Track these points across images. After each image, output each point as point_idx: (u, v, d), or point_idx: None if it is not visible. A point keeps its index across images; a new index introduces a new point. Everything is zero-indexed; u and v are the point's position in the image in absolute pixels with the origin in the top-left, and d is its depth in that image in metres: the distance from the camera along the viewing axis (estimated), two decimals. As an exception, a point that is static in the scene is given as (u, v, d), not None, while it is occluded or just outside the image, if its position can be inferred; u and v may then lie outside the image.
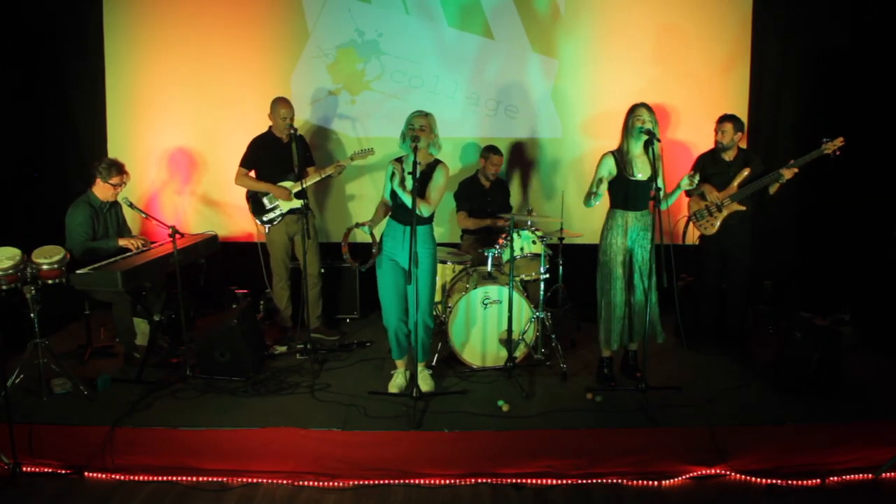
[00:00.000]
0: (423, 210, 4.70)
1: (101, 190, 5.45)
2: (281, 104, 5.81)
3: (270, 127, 5.90)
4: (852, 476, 4.26)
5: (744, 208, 5.59)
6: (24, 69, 6.46)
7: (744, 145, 6.66)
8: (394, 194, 4.79)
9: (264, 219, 5.95)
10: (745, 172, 5.53)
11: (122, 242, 5.44)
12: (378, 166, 6.78)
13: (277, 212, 5.91)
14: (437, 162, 4.85)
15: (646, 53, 6.76)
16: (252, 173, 5.92)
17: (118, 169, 5.43)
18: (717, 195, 5.58)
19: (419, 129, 4.69)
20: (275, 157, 5.85)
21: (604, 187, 4.84)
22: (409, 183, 4.64)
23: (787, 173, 5.34)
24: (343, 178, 6.86)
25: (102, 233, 5.48)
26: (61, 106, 6.77)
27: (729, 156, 5.65)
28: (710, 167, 5.69)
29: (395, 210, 4.87)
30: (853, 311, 6.12)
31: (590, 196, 4.84)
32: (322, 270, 6.20)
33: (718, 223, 5.61)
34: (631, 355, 5.22)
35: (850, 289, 6.35)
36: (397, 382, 5.01)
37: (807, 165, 5.38)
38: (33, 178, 6.55)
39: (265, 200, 5.92)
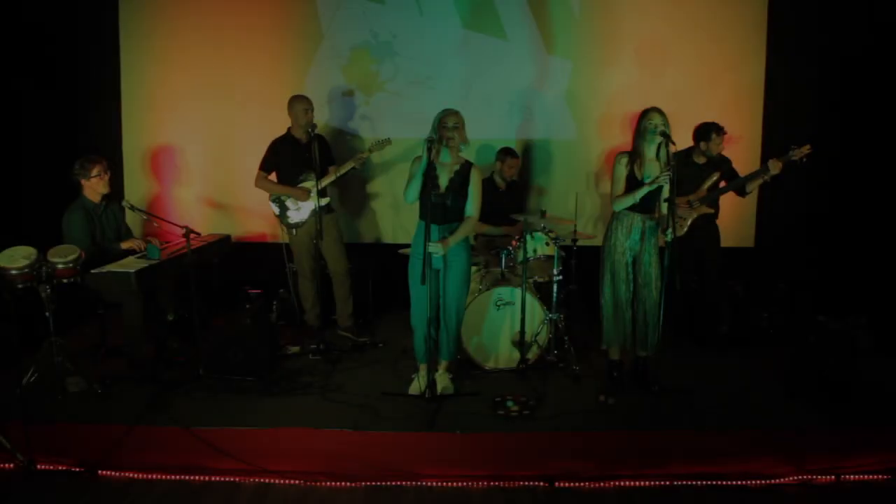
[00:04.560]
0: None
1: (91, 189, 5.37)
2: (298, 99, 5.80)
3: (289, 128, 5.89)
4: (868, 476, 4.26)
5: (712, 211, 5.67)
6: (40, 70, 6.49)
7: (758, 148, 6.67)
8: (423, 192, 4.69)
9: (290, 222, 5.92)
10: (715, 177, 5.58)
11: (124, 245, 5.42)
12: (396, 163, 6.82)
13: (305, 213, 5.87)
14: (470, 163, 4.83)
15: (660, 55, 6.72)
16: (273, 176, 5.91)
17: (90, 160, 5.34)
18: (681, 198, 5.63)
19: (453, 127, 4.66)
20: (294, 158, 5.82)
21: (621, 187, 4.83)
22: (443, 181, 4.75)
23: (774, 168, 5.39)
24: (363, 177, 6.86)
25: (101, 235, 5.43)
26: (77, 107, 6.81)
27: (701, 159, 5.64)
28: (681, 169, 5.65)
29: (429, 210, 4.69)
30: (869, 315, 6.06)
31: (616, 198, 4.84)
32: (349, 267, 6.15)
33: (687, 225, 5.61)
34: (641, 362, 5.13)
35: (866, 292, 6.30)
36: (420, 385, 4.88)
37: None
38: (48, 177, 6.57)
39: (289, 204, 5.92)
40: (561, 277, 5.56)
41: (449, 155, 4.77)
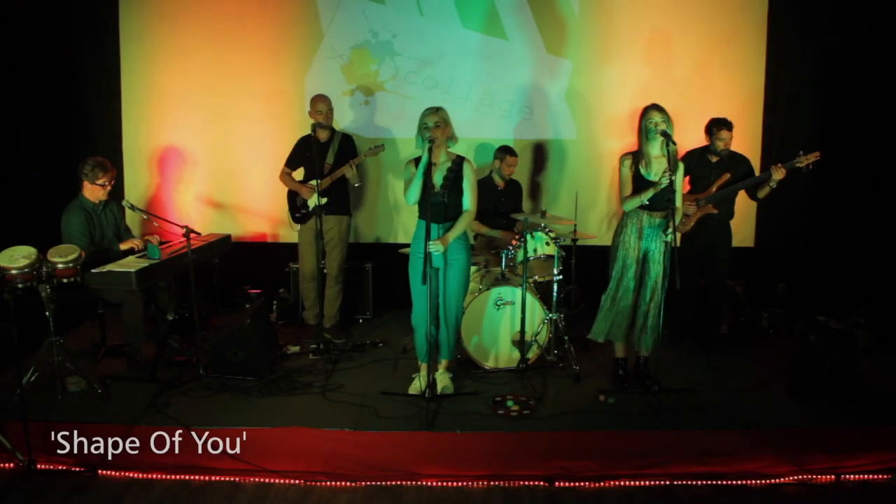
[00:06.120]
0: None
1: (90, 191, 5.35)
2: (313, 100, 5.91)
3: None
4: (868, 476, 4.25)
5: (716, 211, 5.63)
6: (39, 69, 6.49)
7: (758, 149, 6.66)
8: (423, 192, 4.68)
9: (296, 216, 6.04)
10: (726, 177, 5.55)
11: (124, 246, 5.39)
12: (396, 163, 6.82)
13: (306, 211, 5.97)
14: (462, 158, 4.82)
15: (660, 54, 6.72)
16: (298, 172, 6.03)
17: (103, 168, 5.32)
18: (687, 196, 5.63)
19: (434, 126, 4.63)
20: (313, 156, 5.83)
21: (629, 188, 4.83)
22: (437, 180, 4.72)
23: (777, 174, 5.37)
24: (367, 179, 6.85)
25: (100, 235, 5.41)
26: (76, 106, 6.81)
27: (713, 158, 5.64)
28: (695, 168, 5.68)
29: (427, 209, 4.64)
30: (868, 315, 6.07)
31: (624, 199, 4.84)
32: (344, 270, 6.18)
33: (692, 222, 5.60)
34: (642, 362, 5.12)
35: (866, 292, 6.31)
36: (421, 385, 4.85)
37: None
38: (48, 177, 6.58)
39: (296, 200, 6.01)
40: (561, 277, 5.56)
41: (440, 153, 4.77)
